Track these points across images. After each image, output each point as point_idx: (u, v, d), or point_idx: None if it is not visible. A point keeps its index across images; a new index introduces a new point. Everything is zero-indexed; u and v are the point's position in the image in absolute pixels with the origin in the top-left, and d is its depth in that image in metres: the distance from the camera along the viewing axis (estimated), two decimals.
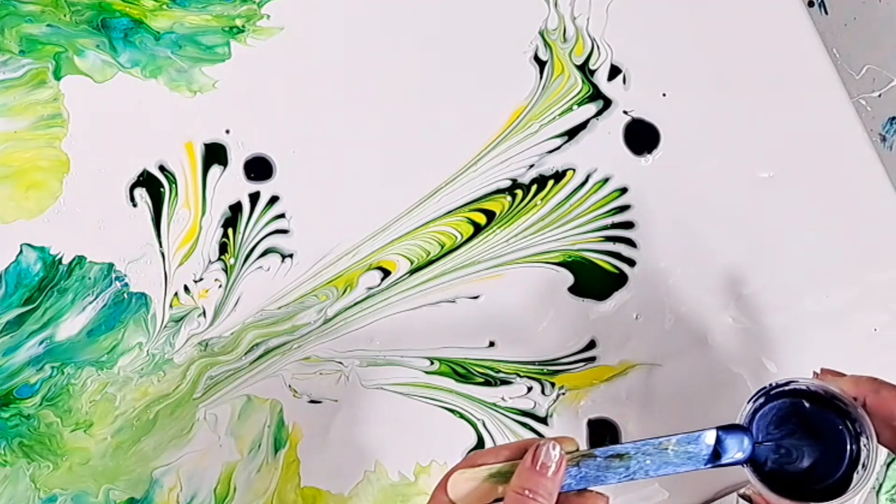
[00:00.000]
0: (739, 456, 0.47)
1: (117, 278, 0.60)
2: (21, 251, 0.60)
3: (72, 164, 0.61)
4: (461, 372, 0.60)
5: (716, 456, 0.46)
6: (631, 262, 0.61)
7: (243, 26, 0.62)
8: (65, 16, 0.61)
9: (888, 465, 0.98)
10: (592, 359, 0.60)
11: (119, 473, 0.59)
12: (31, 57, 0.61)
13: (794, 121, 0.62)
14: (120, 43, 0.62)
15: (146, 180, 0.61)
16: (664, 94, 0.62)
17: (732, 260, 0.61)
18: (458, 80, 0.62)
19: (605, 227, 0.61)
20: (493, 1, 0.62)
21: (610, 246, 0.61)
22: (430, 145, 0.62)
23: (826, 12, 1.03)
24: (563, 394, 0.60)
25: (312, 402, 0.60)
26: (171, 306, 0.60)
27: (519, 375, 0.60)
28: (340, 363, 0.60)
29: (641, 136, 0.62)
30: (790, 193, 0.61)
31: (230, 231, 0.61)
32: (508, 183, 0.61)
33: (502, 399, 0.60)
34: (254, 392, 0.60)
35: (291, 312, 0.61)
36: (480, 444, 0.60)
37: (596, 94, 0.62)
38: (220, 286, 0.61)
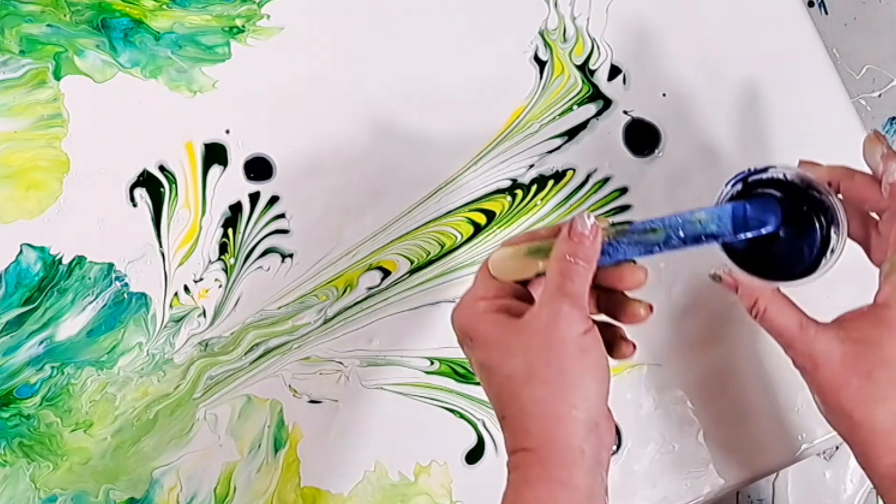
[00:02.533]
0: (767, 228, 0.48)
1: (117, 278, 0.60)
2: (21, 251, 0.60)
3: (72, 164, 0.61)
4: (461, 372, 0.60)
5: (743, 227, 0.47)
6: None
7: (243, 26, 0.62)
8: (65, 16, 0.62)
9: None
10: None
11: (119, 473, 0.59)
12: (31, 57, 0.61)
13: (795, 121, 0.62)
14: (120, 43, 0.62)
15: (146, 180, 0.61)
16: (664, 95, 0.62)
17: None
18: (458, 80, 0.62)
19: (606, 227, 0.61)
20: (493, 1, 0.62)
21: None
22: (431, 145, 0.62)
23: (826, 12, 1.03)
24: None
25: (312, 402, 0.60)
26: (171, 306, 0.60)
27: None
28: (340, 363, 0.60)
29: (641, 136, 0.62)
30: None
31: (230, 231, 0.61)
32: (508, 183, 0.61)
33: None
34: (254, 392, 0.60)
35: (291, 312, 0.61)
36: (480, 444, 0.60)
37: (596, 94, 0.62)
38: (220, 286, 0.61)
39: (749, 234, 0.48)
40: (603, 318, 0.48)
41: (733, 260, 0.48)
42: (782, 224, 0.49)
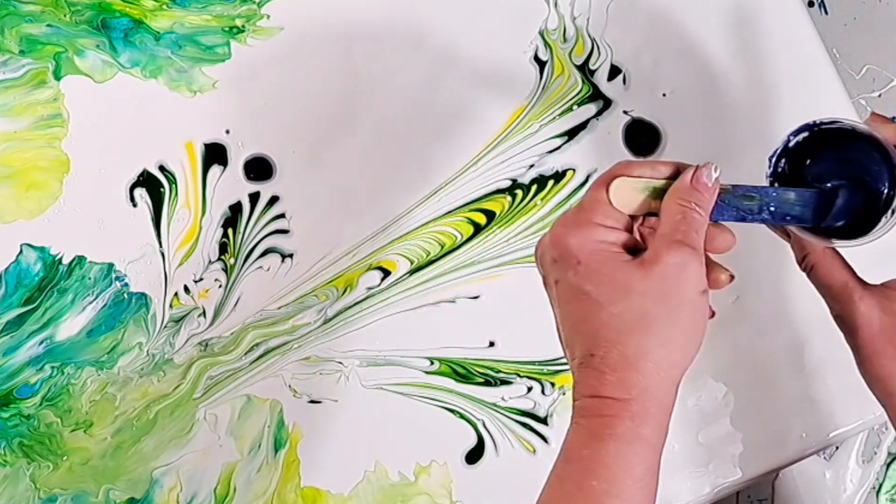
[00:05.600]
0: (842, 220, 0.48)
1: (117, 278, 0.60)
2: (21, 251, 0.60)
3: (72, 164, 0.61)
4: (461, 372, 0.60)
5: (825, 212, 0.47)
6: None
7: (243, 26, 0.62)
8: (65, 16, 0.62)
9: (888, 465, 0.98)
10: None
11: (119, 473, 0.59)
12: (31, 57, 0.61)
13: (794, 121, 0.62)
14: (120, 43, 0.62)
15: (146, 180, 0.61)
16: (664, 95, 0.62)
17: (732, 261, 0.61)
18: (459, 80, 0.62)
19: None
20: (493, 1, 0.62)
21: None
22: (430, 145, 0.62)
23: (826, 12, 1.03)
24: (564, 394, 0.60)
25: (312, 402, 0.60)
26: (171, 306, 0.60)
27: (519, 375, 0.60)
28: (340, 363, 0.60)
29: (641, 136, 0.62)
30: None
31: (230, 231, 0.61)
32: (508, 183, 0.61)
33: (502, 399, 0.60)
34: (254, 392, 0.60)
35: (291, 312, 0.61)
36: (480, 444, 0.60)
37: (596, 94, 0.62)
38: (220, 286, 0.61)
39: (828, 222, 0.47)
40: None
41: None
42: (843, 182, 0.49)
